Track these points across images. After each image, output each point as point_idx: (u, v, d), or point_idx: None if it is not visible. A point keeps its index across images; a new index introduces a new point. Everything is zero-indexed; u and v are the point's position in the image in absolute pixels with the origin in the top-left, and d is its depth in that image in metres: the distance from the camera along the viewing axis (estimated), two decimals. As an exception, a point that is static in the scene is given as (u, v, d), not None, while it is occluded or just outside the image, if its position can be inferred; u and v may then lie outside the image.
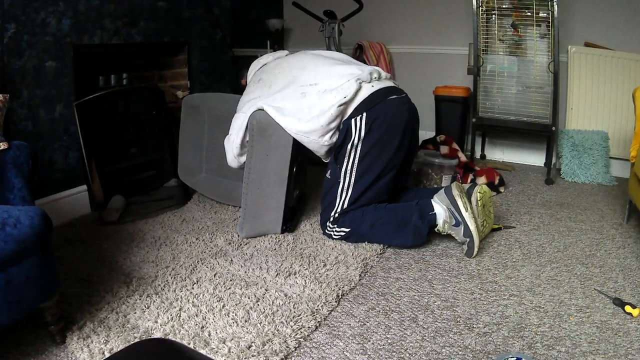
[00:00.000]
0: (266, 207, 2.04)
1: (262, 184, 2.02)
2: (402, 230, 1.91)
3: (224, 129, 2.17)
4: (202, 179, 2.49)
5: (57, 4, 2.11)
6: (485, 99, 3.13)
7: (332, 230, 2.01)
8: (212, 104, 2.41)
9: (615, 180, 2.86)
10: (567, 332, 1.40)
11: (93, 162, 2.23)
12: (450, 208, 1.88)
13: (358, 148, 1.91)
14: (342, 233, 1.99)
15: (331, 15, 3.10)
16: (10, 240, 1.12)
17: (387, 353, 1.32)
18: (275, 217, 2.06)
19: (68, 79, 2.22)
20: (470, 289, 1.66)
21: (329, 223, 2.01)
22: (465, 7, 3.12)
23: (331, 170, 2.01)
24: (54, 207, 2.14)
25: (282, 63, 2.13)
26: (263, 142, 1.97)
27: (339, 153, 1.97)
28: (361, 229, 1.95)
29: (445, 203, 1.90)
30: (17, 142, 1.49)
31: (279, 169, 2.01)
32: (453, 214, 1.87)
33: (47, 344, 1.34)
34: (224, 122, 2.20)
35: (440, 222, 1.91)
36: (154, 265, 1.80)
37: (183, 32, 2.87)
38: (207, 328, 1.40)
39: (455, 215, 1.87)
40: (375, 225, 1.93)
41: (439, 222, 1.91)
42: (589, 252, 1.93)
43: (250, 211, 2.03)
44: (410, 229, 1.90)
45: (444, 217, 1.90)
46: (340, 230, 1.99)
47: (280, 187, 2.02)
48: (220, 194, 2.44)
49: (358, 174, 1.93)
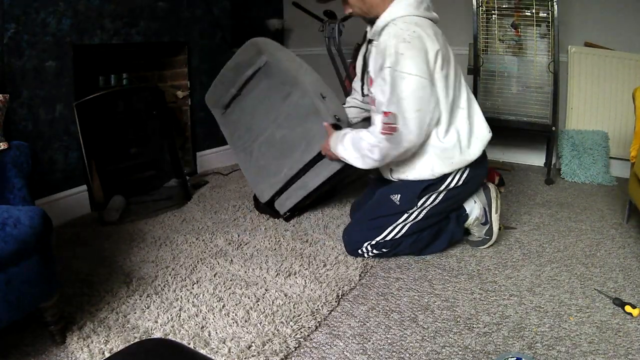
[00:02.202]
0: (267, 172, 2.17)
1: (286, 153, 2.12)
2: (439, 236, 1.91)
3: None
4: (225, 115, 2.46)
5: (57, 4, 2.11)
6: (485, 99, 3.13)
7: (367, 252, 1.86)
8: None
9: (615, 180, 2.86)
10: (567, 332, 1.40)
11: (93, 162, 2.23)
12: (485, 207, 1.94)
13: (446, 192, 1.82)
14: (378, 253, 1.87)
15: (331, 15, 3.10)
16: (10, 240, 1.12)
17: (387, 353, 1.32)
18: (270, 185, 2.16)
19: (68, 79, 2.22)
20: (470, 289, 1.66)
21: (368, 245, 1.84)
22: (465, 7, 3.11)
23: (403, 197, 1.82)
24: (54, 207, 2.14)
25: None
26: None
27: (427, 187, 1.80)
28: (401, 247, 1.87)
29: (482, 202, 1.95)
30: (17, 142, 1.49)
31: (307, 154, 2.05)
32: (486, 213, 1.93)
33: (47, 344, 1.34)
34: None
35: (472, 218, 1.95)
36: (154, 265, 1.80)
37: (183, 32, 2.87)
38: (207, 328, 1.40)
39: (486, 215, 1.93)
40: (417, 241, 1.86)
41: (471, 218, 1.95)
42: (589, 252, 1.93)
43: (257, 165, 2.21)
44: (447, 235, 1.91)
45: (478, 214, 1.94)
46: (377, 252, 1.87)
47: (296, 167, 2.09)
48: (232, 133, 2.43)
49: (431, 212, 1.83)
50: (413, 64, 1.60)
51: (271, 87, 2.18)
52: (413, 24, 1.67)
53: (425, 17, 1.75)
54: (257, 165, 2.24)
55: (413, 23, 1.67)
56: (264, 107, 2.21)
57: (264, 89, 2.21)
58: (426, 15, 1.76)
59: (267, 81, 2.20)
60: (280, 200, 2.21)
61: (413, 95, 1.61)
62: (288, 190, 2.16)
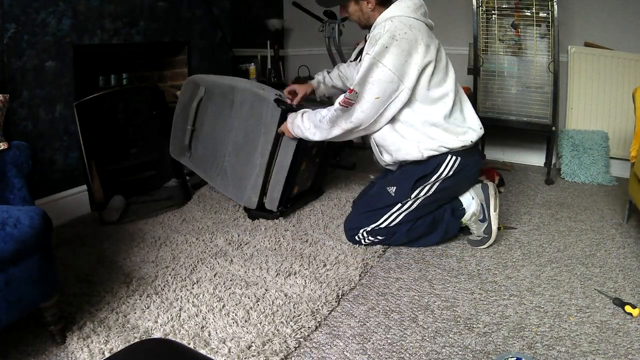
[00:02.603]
0: (246, 175, 2.24)
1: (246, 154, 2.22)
2: (434, 228, 1.96)
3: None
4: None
5: (57, 4, 2.11)
6: (485, 99, 3.13)
7: (363, 238, 1.96)
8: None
9: (615, 180, 2.86)
10: (567, 332, 1.40)
11: (93, 162, 2.23)
12: (482, 204, 1.96)
13: (438, 182, 1.89)
14: (374, 240, 1.96)
15: (331, 15, 3.10)
16: (10, 240, 1.12)
17: (387, 353, 1.32)
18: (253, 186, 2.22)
19: (68, 79, 2.22)
20: (470, 289, 1.66)
21: (363, 232, 1.95)
22: (465, 7, 3.11)
23: (398, 188, 1.92)
24: (54, 207, 2.13)
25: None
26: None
27: (420, 179, 1.90)
28: (396, 236, 1.95)
29: (480, 198, 1.97)
30: (17, 142, 1.49)
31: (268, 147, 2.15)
32: (484, 210, 1.95)
33: (47, 344, 1.34)
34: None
35: (469, 214, 1.97)
36: (154, 265, 1.80)
37: (183, 32, 2.87)
38: (207, 328, 1.40)
39: (484, 212, 1.95)
40: (411, 229, 1.93)
41: (468, 214, 1.97)
42: (589, 252, 1.93)
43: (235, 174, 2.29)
44: (443, 226, 1.96)
45: (475, 210, 1.97)
46: (373, 239, 1.96)
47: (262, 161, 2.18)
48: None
49: (424, 203, 1.91)
50: (392, 59, 1.74)
51: (217, 105, 2.37)
52: (408, 25, 1.78)
53: (424, 23, 1.85)
54: (234, 178, 2.30)
55: (409, 25, 1.78)
56: (219, 126, 2.36)
57: (212, 112, 2.38)
58: (423, 20, 1.85)
59: (212, 104, 2.39)
60: (268, 197, 2.23)
61: (379, 84, 1.77)
62: (270, 181, 2.20)
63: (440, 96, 1.85)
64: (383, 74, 1.75)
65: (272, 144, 2.13)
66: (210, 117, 2.39)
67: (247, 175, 2.24)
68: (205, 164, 2.45)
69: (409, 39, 1.75)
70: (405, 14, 1.82)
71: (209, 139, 2.41)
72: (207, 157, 2.44)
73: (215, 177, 2.39)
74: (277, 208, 2.24)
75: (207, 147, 2.43)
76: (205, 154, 2.44)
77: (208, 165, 2.43)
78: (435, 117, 1.84)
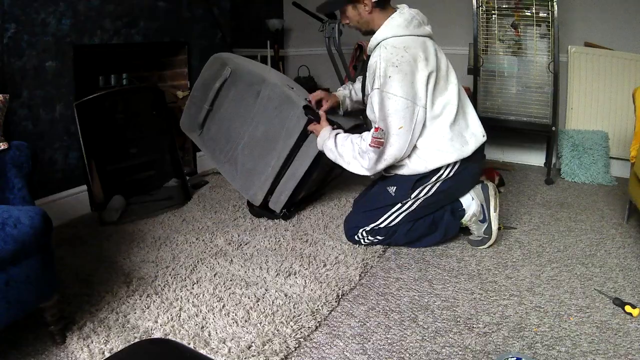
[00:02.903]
0: (257, 172, 2.20)
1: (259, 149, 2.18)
2: (434, 228, 1.96)
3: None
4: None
5: (57, 4, 2.11)
6: (485, 99, 3.13)
7: (363, 238, 1.97)
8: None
9: (615, 180, 2.86)
10: (567, 332, 1.40)
11: (93, 162, 2.23)
12: (482, 204, 1.96)
13: (439, 183, 1.89)
14: (373, 240, 1.96)
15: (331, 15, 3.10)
16: (10, 240, 1.12)
17: (387, 353, 1.32)
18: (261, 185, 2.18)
19: (68, 79, 2.22)
20: (470, 289, 1.66)
21: (363, 231, 1.95)
22: (465, 7, 3.11)
23: (398, 188, 1.92)
24: (54, 207, 2.13)
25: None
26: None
27: (420, 179, 1.90)
28: (396, 237, 1.95)
29: (480, 198, 1.97)
30: (17, 142, 1.49)
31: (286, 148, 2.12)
32: (484, 210, 1.95)
33: (47, 344, 1.34)
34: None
35: (469, 215, 1.97)
36: (154, 265, 1.80)
37: (183, 32, 2.87)
38: (207, 328, 1.40)
39: (484, 212, 1.95)
40: (411, 229, 1.94)
41: (468, 215, 1.97)
42: (589, 252, 1.93)
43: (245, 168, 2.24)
44: (443, 227, 1.96)
45: (475, 210, 1.96)
46: (372, 239, 1.96)
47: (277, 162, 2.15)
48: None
49: (424, 204, 1.91)
50: (399, 86, 1.74)
51: (241, 92, 2.27)
52: (402, 48, 1.77)
53: (416, 35, 1.83)
54: (244, 170, 2.26)
55: (402, 47, 1.78)
56: (238, 113, 2.28)
57: (234, 97, 2.29)
58: (416, 33, 1.84)
59: (235, 89, 2.28)
60: (274, 198, 2.22)
61: (397, 114, 1.76)
62: (279, 185, 2.19)
63: (443, 106, 1.84)
64: (396, 103, 1.74)
65: (290, 150, 2.10)
66: (231, 102, 2.28)
67: (258, 172, 2.20)
68: (215, 146, 2.38)
69: (407, 60, 1.75)
70: (396, 33, 1.81)
71: (224, 123, 2.32)
72: (219, 140, 2.36)
73: (224, 162, 2.34)
74: (281, 210, 2.23)
75: (221, 130, 2.33)
76: (217, 136, 2.36)
77: (218, 149, 2.36)
78: (440, 132, 1.84)
